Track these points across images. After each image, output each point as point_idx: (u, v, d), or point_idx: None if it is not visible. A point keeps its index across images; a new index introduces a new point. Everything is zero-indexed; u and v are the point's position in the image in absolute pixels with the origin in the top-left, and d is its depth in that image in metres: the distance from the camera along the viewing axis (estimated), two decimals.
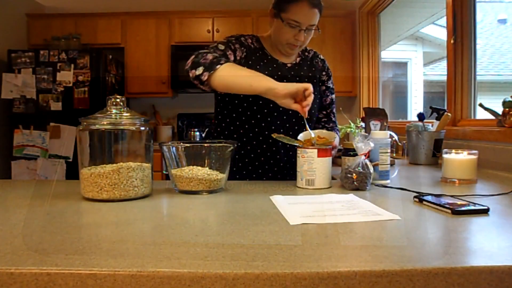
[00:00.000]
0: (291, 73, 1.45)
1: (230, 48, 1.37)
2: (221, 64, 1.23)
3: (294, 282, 0.51)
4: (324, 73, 1.54)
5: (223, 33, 3.64)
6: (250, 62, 1.40)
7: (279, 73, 1.42)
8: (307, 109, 1.16)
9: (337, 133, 1.50)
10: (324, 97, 1.56)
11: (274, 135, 1.21)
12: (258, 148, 1.43)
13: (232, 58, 1.36)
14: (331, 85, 1.57)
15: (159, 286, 0.51)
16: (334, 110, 1.60)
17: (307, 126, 1.22)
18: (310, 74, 1.51)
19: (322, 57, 1.57)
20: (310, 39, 1.42)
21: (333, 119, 1.59)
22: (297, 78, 1.42)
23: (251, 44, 1.45)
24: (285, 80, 1.32)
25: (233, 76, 1.24)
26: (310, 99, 1.16)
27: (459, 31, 2.03)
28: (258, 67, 1.39)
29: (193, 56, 1.28)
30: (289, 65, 1.46)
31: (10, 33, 3.67)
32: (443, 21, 2.30)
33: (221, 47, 1.35)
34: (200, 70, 1.24)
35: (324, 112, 1.57)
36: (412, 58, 4.34)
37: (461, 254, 0.59)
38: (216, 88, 1.26)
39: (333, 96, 1.59)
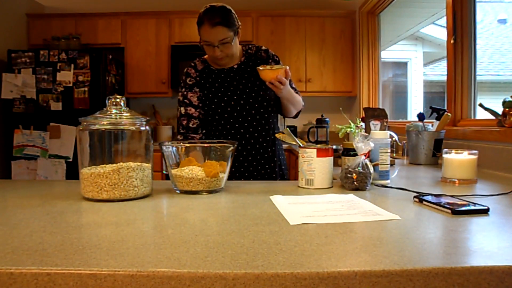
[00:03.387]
0: (239, 72, 1.65)
1: (185, 105, 1.62)
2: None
3: (294, 282, 0.51)
4: (270, 60, 1.69)
5: None
6: (207, 85, 1.63)
7: (228, 79, 1.64)
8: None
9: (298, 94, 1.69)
10: None
11: (278, 135, 1.23)
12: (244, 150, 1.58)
13: (193, 110, 1.62)
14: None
15: (159, 286, 0.51)
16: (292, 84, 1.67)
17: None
18: (255, 67, 1.62)
19: (264, 47, 1.72)
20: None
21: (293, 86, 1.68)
22: (246, 75, 1.64)
23: (196, 72, 1.66)
24: (237, 78, 1.63)
25: None
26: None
27: (459, 31, 2.03)
28: (208, 83, 1.63)
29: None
30: (235, 66, 1.66)
31: (10, 33, 3.67)
32: (443, 21, 2.29)
33: (182, 111, 1.62)
34: None
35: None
36: (412, 58, 4.34)
37: (461, 254, 0.59)
38: None
39: None
